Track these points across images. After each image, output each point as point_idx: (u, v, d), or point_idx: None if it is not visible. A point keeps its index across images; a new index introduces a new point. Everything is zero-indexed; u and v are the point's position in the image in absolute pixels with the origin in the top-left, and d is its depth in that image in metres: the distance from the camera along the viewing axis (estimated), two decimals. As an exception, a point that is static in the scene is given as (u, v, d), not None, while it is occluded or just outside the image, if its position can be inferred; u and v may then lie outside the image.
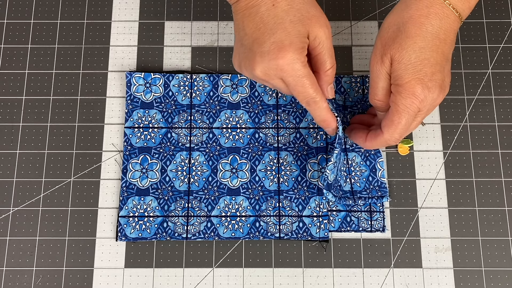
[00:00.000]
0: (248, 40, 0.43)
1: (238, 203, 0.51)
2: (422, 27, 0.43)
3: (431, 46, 0.42)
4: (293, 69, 0.42)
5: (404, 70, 0.43)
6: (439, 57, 0.43)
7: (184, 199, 0.52)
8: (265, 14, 0.42)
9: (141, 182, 0.52)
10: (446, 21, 0.43)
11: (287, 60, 0.41)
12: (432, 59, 0.42)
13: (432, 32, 0.42)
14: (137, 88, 0.54)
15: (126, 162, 0.52)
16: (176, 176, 0.52)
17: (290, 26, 0.41)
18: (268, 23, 0.42)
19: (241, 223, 0.51)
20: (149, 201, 0.52)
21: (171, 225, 0.51)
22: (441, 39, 0.43)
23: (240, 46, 0.44)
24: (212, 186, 0.52)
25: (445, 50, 0.43)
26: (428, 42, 0.42)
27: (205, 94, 0.54)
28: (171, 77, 0.55)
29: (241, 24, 0.43)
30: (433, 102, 0.43)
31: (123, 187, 0.52)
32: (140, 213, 0.51)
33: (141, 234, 0.51)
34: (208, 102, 0.54)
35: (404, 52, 0.43)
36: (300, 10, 0.42)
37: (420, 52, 0.42)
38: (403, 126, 0.44)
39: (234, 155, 0.53)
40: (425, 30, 0.42)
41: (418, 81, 0.42)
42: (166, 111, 0.54)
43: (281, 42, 0.41)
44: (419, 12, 0.43)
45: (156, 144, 0.53)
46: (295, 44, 0.41)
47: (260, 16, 0.42)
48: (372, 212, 0.51)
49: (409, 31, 0.43)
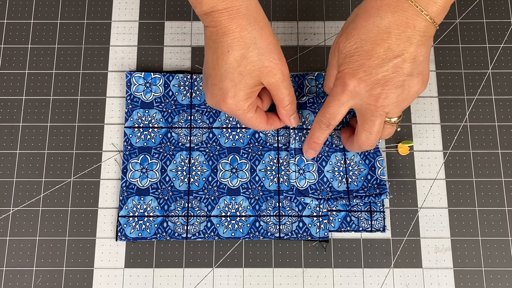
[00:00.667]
0: (208, 67, 0.45)
1: (238, 203, 0.51)
2: (370, 19, 0.41)
3: (375, 40, 0.41)
4: (235, 113, 0.46)
5: (342, 60, 0.43)
6: (382, 51, 0.41)
7: (184, 199, 0.51)
8: (219, 57, 0.44)
9: (141, 182, 0.52)
10: (402, 14, 0.40)
11: (229, 106, 0.45)
12: (373, 52, 0.41)
13: (380, 25, 0.41)
14: (137, 88, 0.54)
15: (126, 162, 0.52)
16: (176, 176, 0.52)
17: (238, 78, 0.44)
18: (220, 69, 0.44)
19: (241, 223, 0.51)
20: (149, 201, 0.51)
21: (171, 225, 0.51)
22: (392, 34, 0.41)
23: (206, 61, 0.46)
24: (212, 186, 0.52)
25: (394, 45, 0.41)
26: (372, 35, 0.41)
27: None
28: (171, 77, 0.55)
29: (206, 48, 0.45)
30: (367, 100, 0.42)
31: (123, 187, 0.52)
32: (140, 213, 0.51)
33: (141, 234, 0.51)
34: None
35: (346, 42, 0.42)
36: (253, 63, 0.43)
37: (361, 44, 0.41)
38: (333, 116, 0.44)
39: (234, 155, 0.53)
40: (371, 22, 0.41)
41: (351, 71, 0.42)
42: (166, 111, 0.54)
43: (226, 92, 0.44)
44: (372, 4, 0.42)
45: (156, 144, 0.53)
46: (238, 97, 0.44)
47: (216, 56, 0.44)
48: (372, 212, 0.51)
49: (357, 22, 0.42)
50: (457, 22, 0.57)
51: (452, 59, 0.56)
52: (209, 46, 0.44)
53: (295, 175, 0.52)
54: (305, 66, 0.56)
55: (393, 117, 0.44)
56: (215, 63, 0.44)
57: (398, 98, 0.42)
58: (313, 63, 0.56)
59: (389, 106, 0.42)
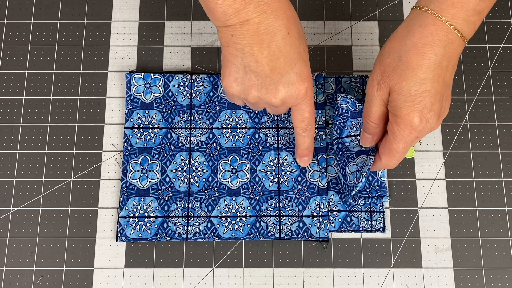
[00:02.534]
0: (263, 68, 0.41)
1: (238, 203, 0.51)
2: (425, 56, 0.41)
3: (433, 77, 0.41)
4: (310, 97, 0.45)
5: (403, 102, 0.42)
6: (440, 86, 0.42)
7: (184, 200, 0.51)
8: (281, 43, 0.41)
9: (141, 183, 0.52)
10: (451, 47, 0.41)
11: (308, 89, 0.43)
12: (433, 90, 0.41)
13: (435, 61, 0.41)
14: (137, 89, 0.54)
15: (126, 163, 0.52)
16: (176, 177, 0.52)
17: (305, 56, 0.43)
18: (288, 54, 0.41)
19: (241, 223, 0.51)
20: (149, 202, 0.51)
21: (171, 225, 0.51)
22: (443, 67, 0.41)
23: (245, 74, 0.42)
24: (212, 187, 0.52)
25: (447, 77, 0.42)
26: (430, 73, 0.41)
27: (205, 95, 0.54)
28: (171, 77, 0.55)
29: (249, 50, 0.41)
30: (430, 130, 0.43)
31: (123, 188, 0.52)
32: (140, 213, 0.51)
33: (141, 235, 0.50)
34: (208, 103, 0.54)
35: (404, 83, 0.41)
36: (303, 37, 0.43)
37: (421, 84, 0.41)
38: (400, 153, 0.44)
39: (234, 155, 0.53)
40: (427, 61, 0.41)
41: (417, 113, 0.42)
42: (166, 111, 0.54)
43: (302, 73, 0.43)
44: (423, 41, 0.41)
45: (156, 144, 0.53)
46: (310, 75, 0.44)
47: (276, 45, 0.40)
48: (372, 212, 0.51)
49: (411, 62, 0.41)
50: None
51: (452, 59, 0.56)
52: (258, 42, 0.40)
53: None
54: (305, 66, 0.56)
55: None
56: (278, 52, 0.41)
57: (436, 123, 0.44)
58: (313, 63, 0.56)
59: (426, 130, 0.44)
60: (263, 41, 0.40)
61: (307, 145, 0.49)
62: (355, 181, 0.48)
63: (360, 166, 0.48)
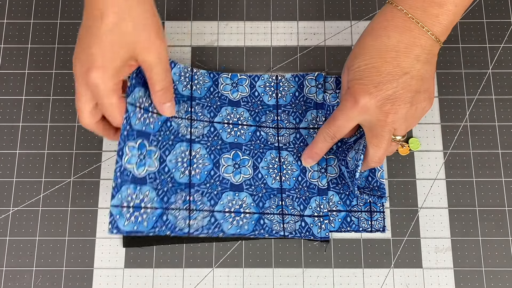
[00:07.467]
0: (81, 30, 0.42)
1: (242, 199, 0.51)
2: (378, 38, 0.43)
3: (384, 57, 0.42)
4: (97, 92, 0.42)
5: (352, 76, 0.43)
6: (391, 68, 0.42)
7: (185, 192, 0.49)
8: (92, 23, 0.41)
9: (138, 170, 0.45)
10: (409, 34, 0.42)
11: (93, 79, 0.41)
12: (383, 69, 0.42)
13: (388, 44, 0.42)
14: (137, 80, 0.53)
15: (122, 144, 0.44)
16: (176, 167, 0.49)
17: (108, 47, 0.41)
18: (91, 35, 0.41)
19: (245, 220, 0.50)
20: (146, 192, 0.46)
21: (171, 218, 0.47)
22: (400, 52, 0.42)
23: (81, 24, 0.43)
24: (214, 180, 0.51)
25: (402, 62, 0.42)
26: (381, 53, 0.42)
27: (205, 89, 0.54)
28: (173, 64, 0.52)
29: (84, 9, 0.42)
30: (383, 113, 0.43)
31: (117, 172, 0.44)
32: (136, 203, 0.45)
33: (137, 227, 0.44)
34: (209, 97, 0.53)
35: (356, 60, 0.43)
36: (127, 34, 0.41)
37: (370, 61, 0.42)
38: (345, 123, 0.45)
39: (236, 150, 0.52)
40: (380, 41, 0.43)
41: (361, 87, 0.42)
42: None
43: (94, 59, 0.41)
44: (379, 26, 0.43)
45: (155, 130, 0.48)
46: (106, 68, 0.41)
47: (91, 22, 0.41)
48: (372, 212, 0.51)
49: (365, 42, 0.44)
50: (457, 22, 0.57)
51: (452, 59, 0.56)
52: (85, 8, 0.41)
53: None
54: (305, 66, 0.56)
55: (399, 135, 0.45)
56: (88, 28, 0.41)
57: (406, 115, 0.43)
58: (313, 63, 0.56)
59: (397, 122, 0.43)
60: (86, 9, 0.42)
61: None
62: (355, 163, 0.47)
63: (357, 148, 0.48)
